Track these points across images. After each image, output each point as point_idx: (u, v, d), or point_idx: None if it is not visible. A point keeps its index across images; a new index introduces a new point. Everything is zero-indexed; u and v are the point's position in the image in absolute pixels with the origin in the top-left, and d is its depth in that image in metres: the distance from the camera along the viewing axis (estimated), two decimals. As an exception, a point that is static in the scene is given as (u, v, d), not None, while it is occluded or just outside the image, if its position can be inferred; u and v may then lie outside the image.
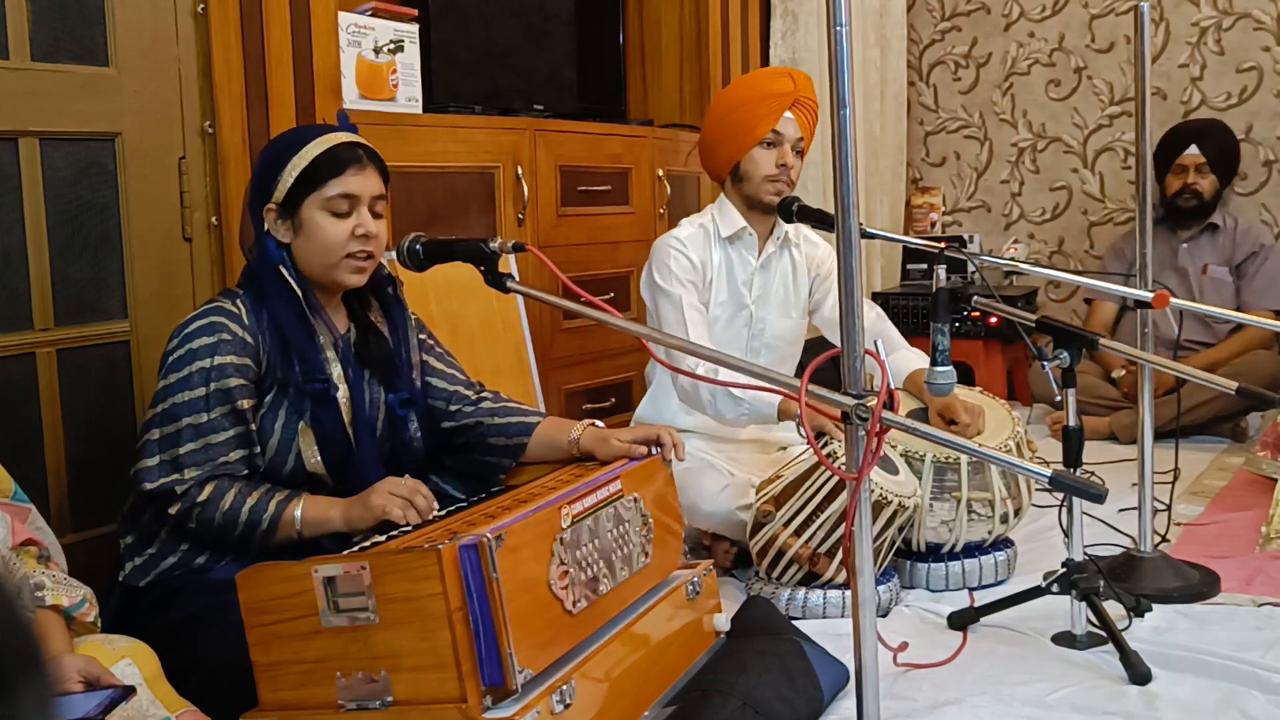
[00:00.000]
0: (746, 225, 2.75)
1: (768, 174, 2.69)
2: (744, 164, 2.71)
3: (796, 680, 1.86)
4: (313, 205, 1.89)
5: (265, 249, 1.92)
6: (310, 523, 1.81)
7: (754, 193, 2.71)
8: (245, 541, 1.81)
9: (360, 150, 1.92)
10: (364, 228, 1.90)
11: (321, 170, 1.88)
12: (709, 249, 2.74)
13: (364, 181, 1.91)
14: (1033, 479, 2.23)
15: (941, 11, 4.89)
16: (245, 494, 1.80)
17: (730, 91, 2.81)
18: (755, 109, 2.69)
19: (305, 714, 1.54)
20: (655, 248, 2.75)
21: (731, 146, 2.72)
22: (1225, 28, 4.36)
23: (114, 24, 2.18)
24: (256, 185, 1.94)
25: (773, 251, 2.80)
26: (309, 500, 1.83)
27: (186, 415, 1.80)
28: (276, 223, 1.91)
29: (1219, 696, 1.91)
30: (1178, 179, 4.05)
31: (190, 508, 1.79)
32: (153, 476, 1.80)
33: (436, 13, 3.01)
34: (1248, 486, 3.17)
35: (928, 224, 4.94)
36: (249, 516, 1.79)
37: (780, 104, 2.68)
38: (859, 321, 1.44)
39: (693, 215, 2.86)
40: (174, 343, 1.85)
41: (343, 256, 1.90)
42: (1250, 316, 2.76)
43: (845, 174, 1.41)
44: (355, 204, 1.90)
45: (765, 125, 2.68)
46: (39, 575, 1.48)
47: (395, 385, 2.00)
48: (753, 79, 2.85)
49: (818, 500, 2.28)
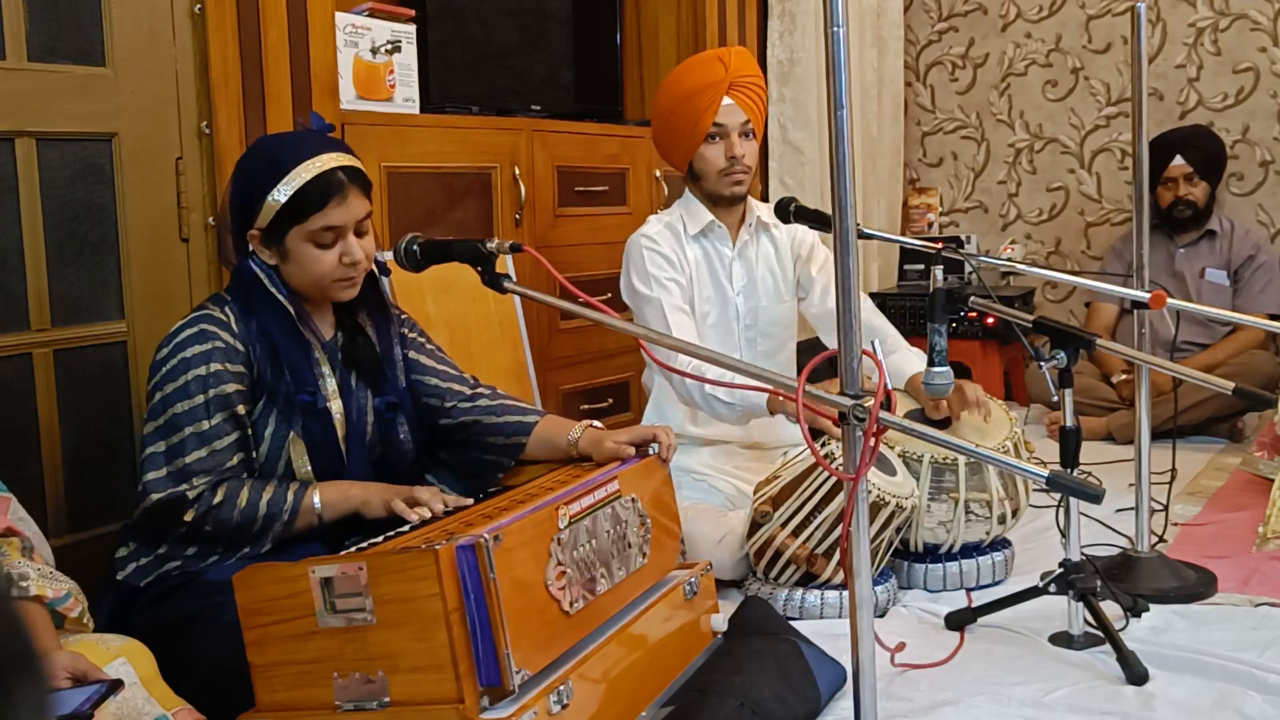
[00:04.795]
0: (714, 219, 2.73)
1: (720, 169, 2.66)
2: (696, 163, 2.68)
3: (794, 680, 1.86)
4: (297, 236, 1.87)
5: (251, 269, 1.91)
6: (331, 505, 1.85)
7: (712, 189, 2.69)
8: (262, 536, 1.82)
9: (342, 175, 1.87)
10: (350, 256, 1.89)
11: (305, 204, 1.85)
12: (681, 246, 2.71)
13: (348, 211, 1.87)
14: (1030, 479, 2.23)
15: (938, 12, 4.89)
16: (259, 489, 1.82)
17: (666, 89, 2.72)
18: (693, 105, 2.64)
19: (302, 715, 1.54)
20: (628, 249, 2.72)
21: (680, 147, 2.69)
22: (1222, 28, 4.37)
23: (111, 24, 2.18)
24: (237, 208, 1.91)
25: (747, 239, 2.78)
26: (324, 485, 1.87)
27: (188, 424, 1.80)
28: (261, 248, 1.90)
29: (1216, 696, 1.91)
30: (1169, 191, 4.04)
31: (206, 511, 1.79)
32: (161, 487, 1.79)
33: (434, 13, 3.00)
34: (1245, 487, 3.17)
35: (925, 224, 4.94)
36: (268, 509, 1.80)
37: (716, 93, 2.63)
38: (856, 322, 1.44)
39: (659, 213, 2.82)
40: (165, 351, 1.84)
41: (332, 281, 1.90)
42: (1247, 317, 2.77)
43: (842, 174, 1.41)
44: (340, 233, 1.88)
45: (706, 120, 2.63)
46: (23, 566, 1.47)
47: (383, 388, 2.00)
48: (684, 73, 2.71)
49: (815, 501, 2.28)
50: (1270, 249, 4.14)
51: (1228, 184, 4.35)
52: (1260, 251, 4.07)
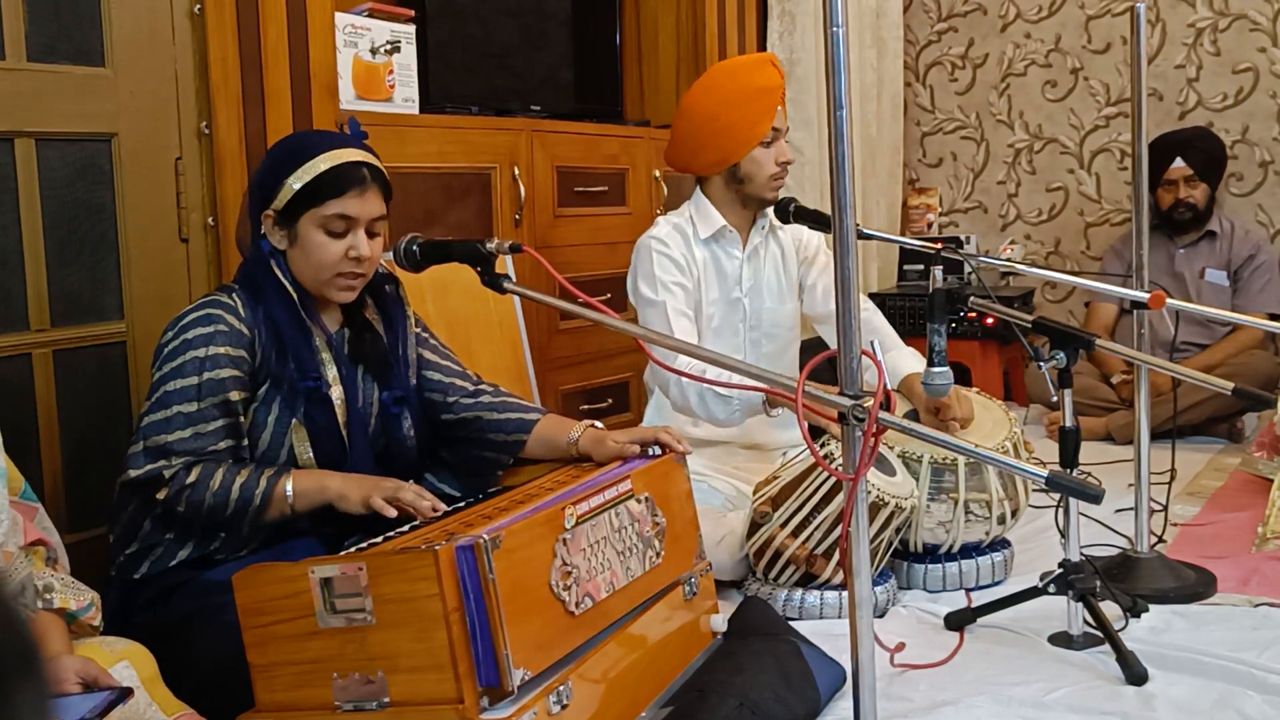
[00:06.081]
0: (726, 224, 2.71)
1: (772, 174, 2.66)
2: (745, 165, 2.65)
3: (793, 681, 1.86)
4: (310, 221, 1.89)
5: (260, 251, 1.92)
6: (303, 495, 1.82)
7: (757, 192, 2.67)
8: (236, 521, 1.81)
9: (365, 170, 1.91)
10: (357, 250, 1.90)
11: (323, 189, 1.88)
12: (690, 248, 2.70)
13: (364, 204, 1.90)
14: (1030, 480, 2.23)
15: (938, 12, 4.89)
16: (234, 472, 1.81)
17: (716, 87, 2.66)
18: (753, 108, 2.61)
19: (302, 715, 1.54)
20: (637, 250, 2.71)
21: (726, 148, 2.64)
22: (1221, 29, 4.37)
23: (110, 25, 2.18)
24: (258, 186, 1.94)
25: (759, 242, 2.77)
26: (298, 473, 1.85)
27: (177, 403, 1.81)
28: (273, 229, 1.92)
29: (1215, 696, 1.91)
30: (1169, 193, 4.04)
31: (179, 491, 1.78)
32: (139, 463, 1.80)
33: (433, 13, 3.00)
34: (1244, 487, 3.17)
35: (924, 225, 4.94)
36: (240, 494, 1.79)
37: (774, 98, 2.62)
38: (856, 322, 1.44)
39: (668, 214, 2.80)
40: (169, 334, 1.86)
41: (333, 275, 1.91)
42: (1246, 317, 2.77)
43: (842, 175, 1.41)
44: (352, 225, 1.90)
45: (764, 124, 2.61)
46: (48, 578, 1.47)
47: (390, 382, 2.01)
48: (737, 73, 2.67)
49: (815, 501, 2.28)
50: (1270, 249, 4.14)
51: (1227, 184, 4.35)
52: (1260, 252, 4.07)
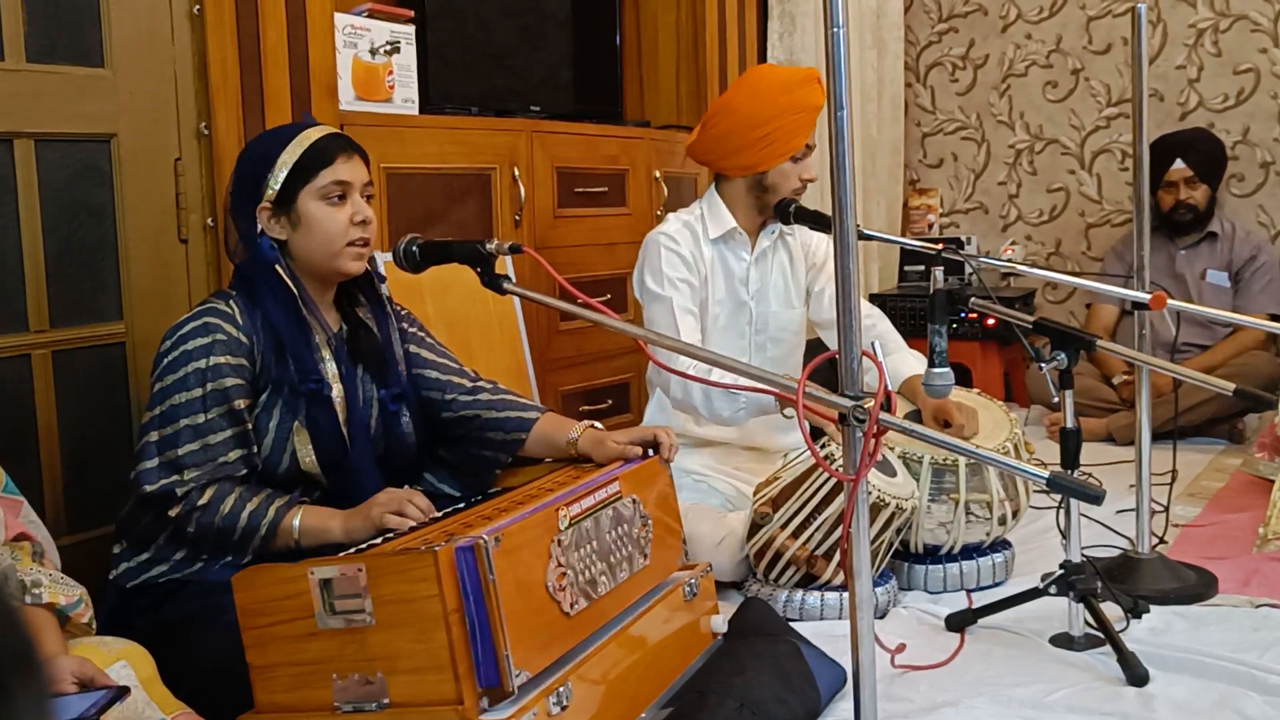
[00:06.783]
0: (736, 226, 2.71)
1: (795, 188, 2.67)
2: (772, 175, 2.65)
3: (793, 681, 1.85)
4: (308, 196, 1.91)
5: (260, 249, 1.92)
6: (309, 532, 1.81)
7: (775, 201, 2.68)
8: (242, 546, 1.81)
9: (343, 140, 1.97)
10: (361, 214, 1.93)
11: (312, 162, 1.91)
12: (699, 246, 2.70)
13: (354, 169, 1.94)
14: (1030, 481, 2.23)
15: (939, 13, 4.89)
16: (245, 499, 1.81)
17: (764, 94, 2.63)
18: (796, 121, 2.61)
19: (301, 716, 1.54)
20: (645, 245, 2.71)
21: (760, 155, 2.63)
22: (1222, 29, 4.37)
23: (109, 25, 2.18)
24: (240, 189, 1.95)
25: (768, 245, 2.77)
26: (308, 510, 1.84)
27: (184, 416, 1.81)
28: (271, 221, 1.92)
29: (1216, 697, 1.91)
30: (1169, 195, 4.04)
31: (190, 511, 1.79)
32: (153, 479, 1.80)
33: (433, 14, 3.00)
34: (1245, 488, 3.17)
35: (925, 225, 4.94)
36: (248, 522, 1.79)
37: (814, 116, 2.62)
38: (856, 323, 1.44)
39: (679, 211, 2.80)
40: (167, 344, 1.86)
41: (344, 245, 1.92)
42: (1247, 318, 2.77)
43: (842, 175, 1.41)
44: (349, 190, 1.93)
45: (802, 139, 2.63)
46: (35, 573, 1.47)
47: (387, 380, 2.01)
48: (791, 86, 2.64)
49: (815, 502, 2.28)
50: (1271, 250, 4.14)
51: (1228, 185, 4.34)
52: (1261, 253, 4.07)
